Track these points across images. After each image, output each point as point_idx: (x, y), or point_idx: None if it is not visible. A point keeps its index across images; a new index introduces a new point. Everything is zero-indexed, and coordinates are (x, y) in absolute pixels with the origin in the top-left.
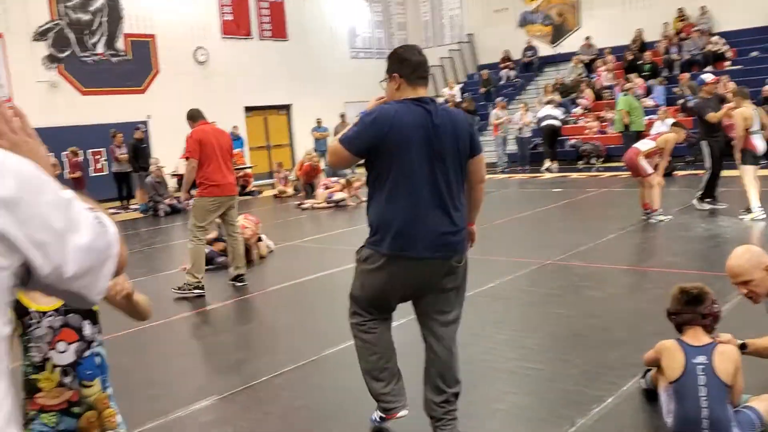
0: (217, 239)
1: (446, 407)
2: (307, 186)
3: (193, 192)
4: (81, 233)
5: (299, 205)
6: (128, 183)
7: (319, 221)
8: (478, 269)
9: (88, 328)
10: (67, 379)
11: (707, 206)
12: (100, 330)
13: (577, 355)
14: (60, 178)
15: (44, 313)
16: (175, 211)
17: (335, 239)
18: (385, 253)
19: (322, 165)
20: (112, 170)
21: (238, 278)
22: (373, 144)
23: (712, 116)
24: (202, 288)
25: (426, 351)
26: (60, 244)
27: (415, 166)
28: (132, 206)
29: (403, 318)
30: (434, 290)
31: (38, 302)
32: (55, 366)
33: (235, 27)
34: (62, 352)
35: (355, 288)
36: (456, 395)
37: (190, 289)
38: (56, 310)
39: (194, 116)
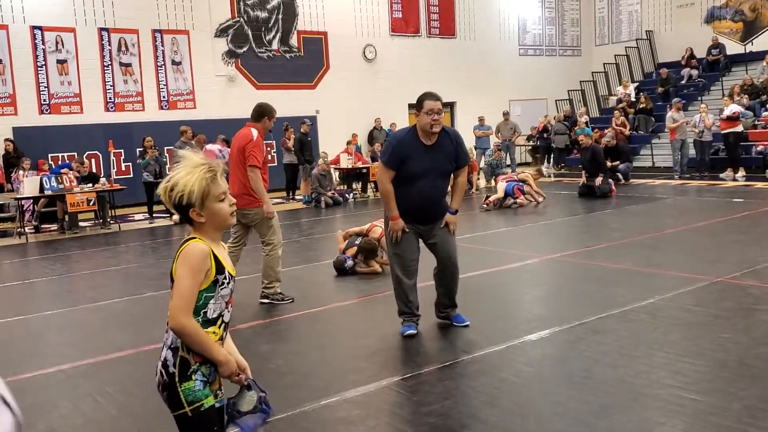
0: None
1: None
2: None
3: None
4: None
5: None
6: (294, 174)
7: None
8: (638, 282)
9: None
10: (225, 335)
11: None
12: None
13: (743, 387)
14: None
15: (233, 276)
16: (336, 203)
17: (488, 239)
18: None
19: (481, 164)
20: (283, 162)
21: (263, 296)
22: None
23: None
24: (279, 295)
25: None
26: None
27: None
28: (297, 197)
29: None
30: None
31: (230, 266)
32: (223, 322)
33: (404, 25)
34: (230, 312)
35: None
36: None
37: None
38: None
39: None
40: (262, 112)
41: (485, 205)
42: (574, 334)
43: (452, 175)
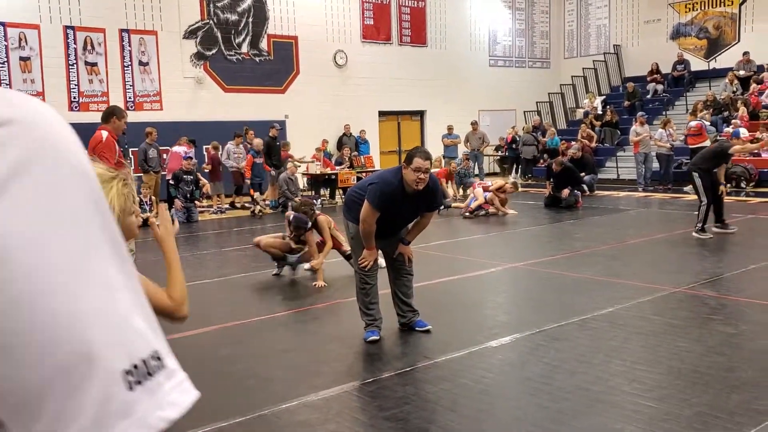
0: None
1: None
2: None
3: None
4: None
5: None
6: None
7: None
8: (598, 291)
9: None
10: None
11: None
12: None
13: (695, 395)
14: (199, 170)
15: None
16: None
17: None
18: None
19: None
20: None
21: None
22: None
23: None
24: None
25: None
26: None
27: None
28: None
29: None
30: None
31: None
32: None
33: (375, 32)
34: None
35: None
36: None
37: None
38: None
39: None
40: (110, 112)
41: (467, 213)
42: (534, 341)
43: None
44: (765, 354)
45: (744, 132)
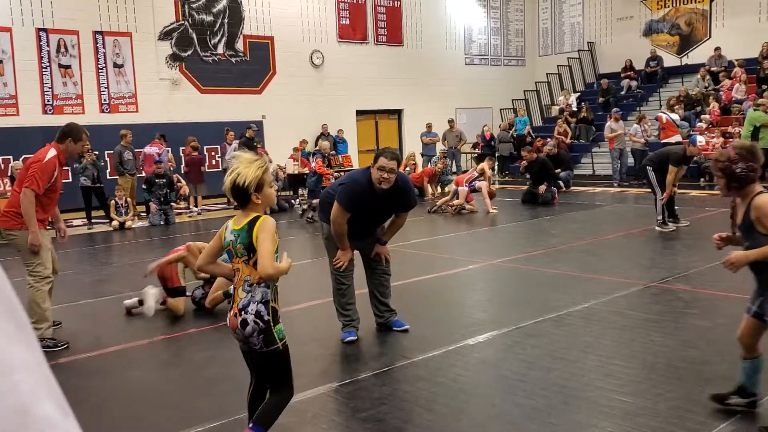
0: None
1: None
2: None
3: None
4: None
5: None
6: None
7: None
8: (574, 287)
9: None
10: None
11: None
12: None
13: (670, 389)
14: (177, 172)
15: None
16: (281, 209)
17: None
18: None
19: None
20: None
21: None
22: None
23: None
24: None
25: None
26: None
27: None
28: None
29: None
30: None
31: None
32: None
33: (351, 31)
34: None
35: None
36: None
37: None
38: None
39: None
40: (66, 132)
41: (450, 208)
42: (511, 338)
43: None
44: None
45: (701, 140)
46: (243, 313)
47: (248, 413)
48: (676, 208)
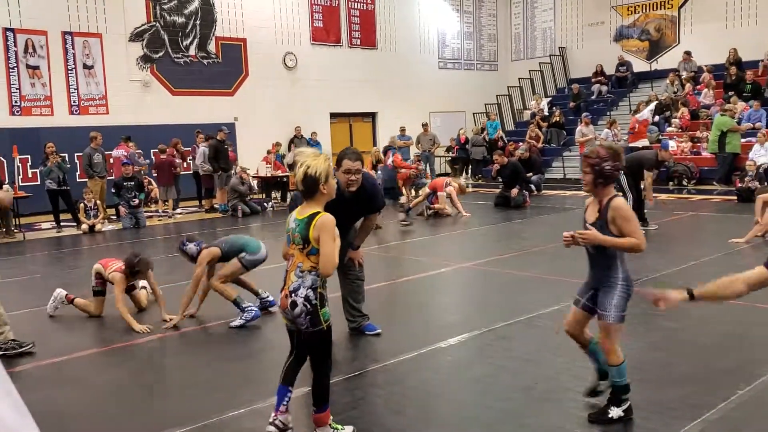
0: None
1: None
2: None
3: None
4: None
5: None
6: (210, 183)
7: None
8: (544, 289)
9: None
10: None
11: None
12: None
13: (635, 390)
14: (148, 175)
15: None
16: (254, 212)
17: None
18: None
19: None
20: (192, 170)
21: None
22: None
23: None
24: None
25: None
26: None
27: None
28: (214, 206)
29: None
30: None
31: None
32: None
33: (325, 34)
34: None
35: None
36: None
37: None
38: None
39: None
40: None
41: (429, 211)
42: (482, 341)
43: (363, 217)
44: (703, 349)
45: (672, 145)
46: (293, 295)
47: (281, 377)
48: (645, 211)
